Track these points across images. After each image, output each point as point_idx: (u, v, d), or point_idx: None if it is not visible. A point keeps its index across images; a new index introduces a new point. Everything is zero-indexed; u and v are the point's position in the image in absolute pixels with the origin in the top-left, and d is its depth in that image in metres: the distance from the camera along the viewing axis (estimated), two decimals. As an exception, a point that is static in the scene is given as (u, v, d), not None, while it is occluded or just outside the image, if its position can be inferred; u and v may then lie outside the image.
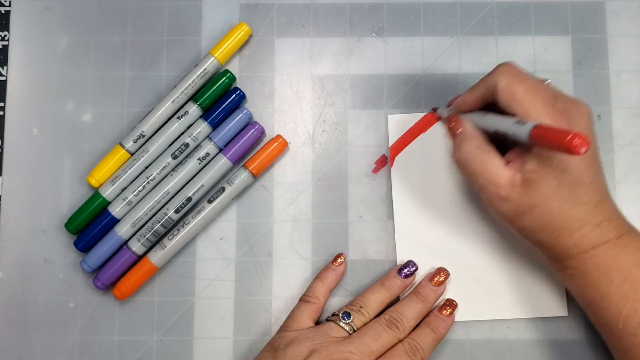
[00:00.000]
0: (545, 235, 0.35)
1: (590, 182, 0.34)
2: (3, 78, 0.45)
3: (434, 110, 0.43)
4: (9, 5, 0.46)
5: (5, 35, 0.45)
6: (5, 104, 0.44)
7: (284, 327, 0.39)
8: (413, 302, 0.39)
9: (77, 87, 0.45)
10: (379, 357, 0.37)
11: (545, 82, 0.37)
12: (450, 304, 0.40)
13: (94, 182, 0.42)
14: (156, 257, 0.41)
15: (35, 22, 0.45)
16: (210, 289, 0.43)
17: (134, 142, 0.43)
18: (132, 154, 0.43)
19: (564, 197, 0.34)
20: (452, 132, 0.39)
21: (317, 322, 0.40)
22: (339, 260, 0.42)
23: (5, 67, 0.45)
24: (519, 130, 0.33)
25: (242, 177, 0.42)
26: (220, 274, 0.43)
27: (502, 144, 0.37)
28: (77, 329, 0.43)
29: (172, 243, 0.42)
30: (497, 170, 0.35)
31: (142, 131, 0.43)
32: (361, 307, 0.39)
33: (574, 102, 0.35)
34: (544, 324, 0.41)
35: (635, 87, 0.44)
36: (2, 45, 0.45)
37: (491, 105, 0.37)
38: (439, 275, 0.40)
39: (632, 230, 0.35)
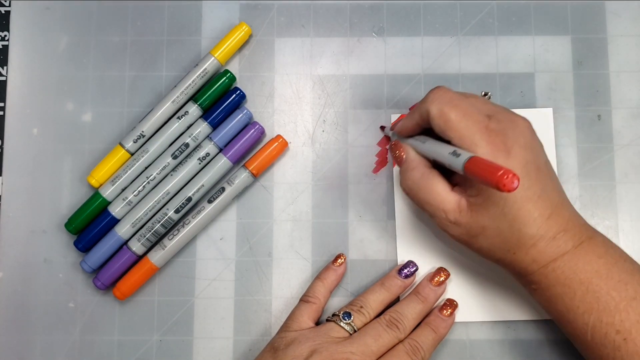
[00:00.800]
0: (502, 254, 0.35)
1: (539, 196, 0.33)
2: (3, 78, 0.45)
3: (382, 128, 0.43)
4: (9, 5, 0.46)
5: (5, 35, 0.45)
6: (5, 104, 0.44)
7: (284, 328, 0.39)
8: (413, 302, 0.39)
9: (77, 87, 0.45)
10: (380, 357, 0.37)
11: (486, 97, 0.37)
12: (451, 304, 0.40)
13: (94, 182, 0.42)
14: (156, 257, 0.41)
15: (35, 22, 0.45)
16: (210, 289, 0.43)
17: (134, 142, 0.43)
18: (132, 154, 0.43)
19: (512, 216, 0.33)
20: (397, 160, 0.38)
21: (318, 323, 0.40)
22: (340, 260, 0.42)
23: (5, 67, 0.45)
24: (454, 162, 0.32)
25: (242, 177, 0.42)
26: (220, 274, 0.43)
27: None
28: (77, 329, 0.43)
29: (172, 243, 0.42)
30: (444, 197, 0.35)
31: (142, 131, 0.43)
32: (361, 307, 0.39)
33: (510, 119, 0.34)
34: (544, 324, 0.41)
35: (635, 87, 0.44)
36: (2, 45, 0.45)
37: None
38: (439, 275, 0.40)
39: (591, 236, 0.35)
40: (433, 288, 0.40)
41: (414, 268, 0.41)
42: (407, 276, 0.40)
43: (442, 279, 0.40)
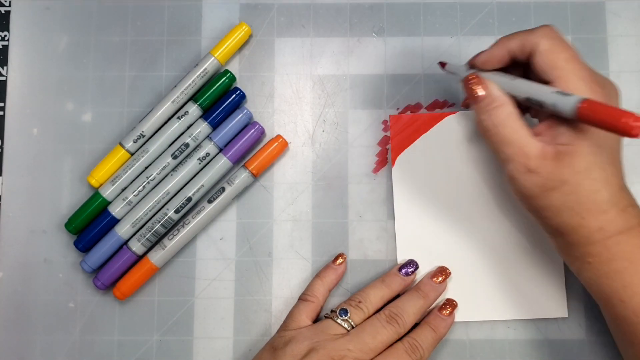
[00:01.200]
0: (569, 217, 0.33)
1: (618, 163, 0.33)
2: (3, 78, 0.45)
3: (442, 65, 0.41)
4: (9, 5, 0.46)
5: (5, 35, 0.45)
6: (5, 104, 0.44)
7: (283, 327, 0.39)
8: (414, 298, 0.39)
9: (77, 87, 0.45)
10: (379, 354, 0.37)
11: None
12: (450, 304, 0.40)
13: (94, 182, 0.42)
14: (156, 257, 0.41)
15: (35, 22, 0.45)
16: (210, 289, 0.43)
17: (134, 142, 0.43)
18: (132, 154, 0.43)
19: (595, 176, 0.32)
20: (472, 93, 0.35)
21: (316, 321, 0.40)
22: (339, 260, 0.42)
23: (5, 67, 0.45)
24: (561, 101, 0.31)
25: (242, 177, 0.42)
26: (220, 274, 0.43)
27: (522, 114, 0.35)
28: (77, 329, 0.43)
29: (172, 243, 0.42)
30: (529, 140, 0.33)
31: (142, 131, 0.43)
32: (360, 301, 0.39)
33: (608, 80, 0.35)
34: (544, 324, 0.41)
35: (635, 87, 0.44)
36: (2, 45, 0.45)
37: (508, 68, 0.35)
38: (440, 274, 0.40)
39: None
40: (434, 285, 0.40)
41: (415, 266, 0.41)
42: (407, 274, 0.40)
43: (442, 278, 0.40)
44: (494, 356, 0.41)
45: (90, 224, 0.42)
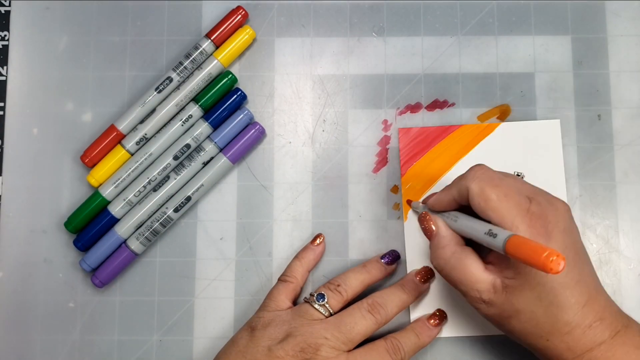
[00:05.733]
0: (534, 339, 0.34)
1: (576, 282, 0.32)
2: (3, 78, 0.45)
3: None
4: (9, 5, 0.46)
5: (5, 35, 0.45)
6: (5, 104, 0.44)
7: (262, 307, 0.39)
8: (398, 291, 0.39)
9: (77, 87, 0.45)
10: (359, 347, 0.37)
11: (520, 177, 0.37)
12: (440, 315, 0.40)
13: (94, 181, 0.42)
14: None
15: (35, 22, 0.45)
16: (210, 289, 0.43)
17: (136, 144, 0.43)
18: (132, 154, 0.43)
19: (548, 302, 0.32)
20: (426, 233, 0.38)
21: (296, 302, 0.40)
22: (318, 240, 0.42)
23: (5, 67, 0.45)
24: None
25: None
26: (220, 274, 0.43)
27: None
28: (77, 329, 0.43)
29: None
30: (477, 276, 0.34)
31: (145, 133, 0.42)
32: (339, 285, 0.39)
33: (550, 202, 0.34)
34: (544, 324, 0.41)
35: (635, 87, 0.44)
36: (2, 45, 0.45)
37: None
38: (425, 274, 0.40)
39: (627, 324, 0.33)
40: (418, 283, 0.40)
41: (396, 255, 0.41)
42: (388, 263, 0.41)
43: (425, 277, 0.40)
44: (494, 356, 0.41)
45: (89, 223, 0.42)
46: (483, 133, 0.43)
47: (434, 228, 0.37)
